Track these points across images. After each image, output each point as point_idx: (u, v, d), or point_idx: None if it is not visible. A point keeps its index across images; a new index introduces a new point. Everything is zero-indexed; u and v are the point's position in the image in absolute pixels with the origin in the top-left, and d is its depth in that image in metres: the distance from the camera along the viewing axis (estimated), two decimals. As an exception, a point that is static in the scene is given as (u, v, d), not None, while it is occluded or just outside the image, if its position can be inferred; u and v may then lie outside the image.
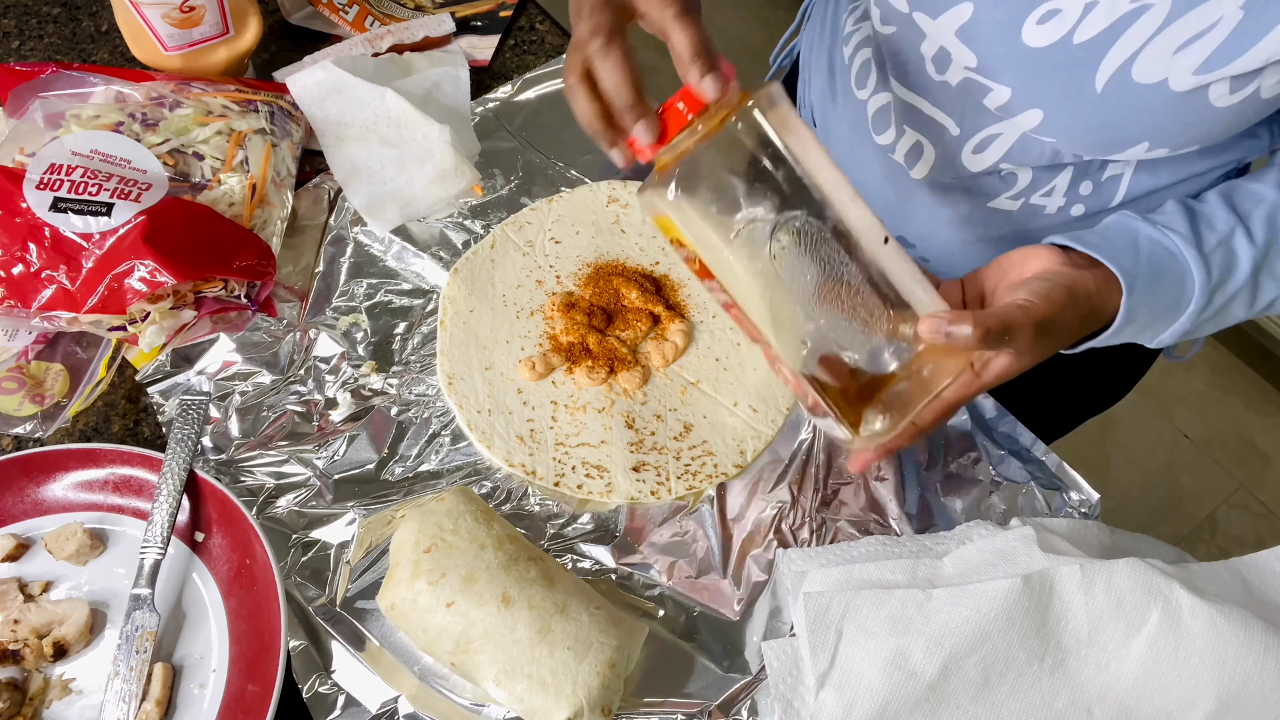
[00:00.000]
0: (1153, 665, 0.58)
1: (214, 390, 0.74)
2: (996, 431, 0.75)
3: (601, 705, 0.59)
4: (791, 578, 0.67)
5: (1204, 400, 1.96)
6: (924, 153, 0.75)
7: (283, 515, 0.69)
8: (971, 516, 0.72)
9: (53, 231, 0.69)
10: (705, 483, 0.72)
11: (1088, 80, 0.60)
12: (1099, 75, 0.59)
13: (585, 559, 0.69)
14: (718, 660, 0.65)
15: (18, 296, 0.69)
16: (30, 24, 0.98)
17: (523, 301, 0.81)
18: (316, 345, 0.77)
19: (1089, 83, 0.60)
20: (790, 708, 0.61)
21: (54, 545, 0.66)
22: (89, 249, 0.69)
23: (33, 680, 0.61)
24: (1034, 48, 0.61)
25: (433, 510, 0.64)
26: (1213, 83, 0.57)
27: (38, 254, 0.69)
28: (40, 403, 0.71)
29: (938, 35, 0.65)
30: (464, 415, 0.74)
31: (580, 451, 0.73)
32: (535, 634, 0.59)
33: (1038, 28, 0.60)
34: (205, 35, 0.85)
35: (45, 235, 0.69)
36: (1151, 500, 1.84)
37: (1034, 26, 0.60)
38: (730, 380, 0.77)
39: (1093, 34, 0.59)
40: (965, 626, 0.59)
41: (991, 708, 0.59)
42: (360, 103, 0.85)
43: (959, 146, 0.72)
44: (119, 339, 0.73)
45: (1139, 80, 0.58)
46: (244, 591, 0.64)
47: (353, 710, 0.61)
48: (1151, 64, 0.57)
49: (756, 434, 0.74)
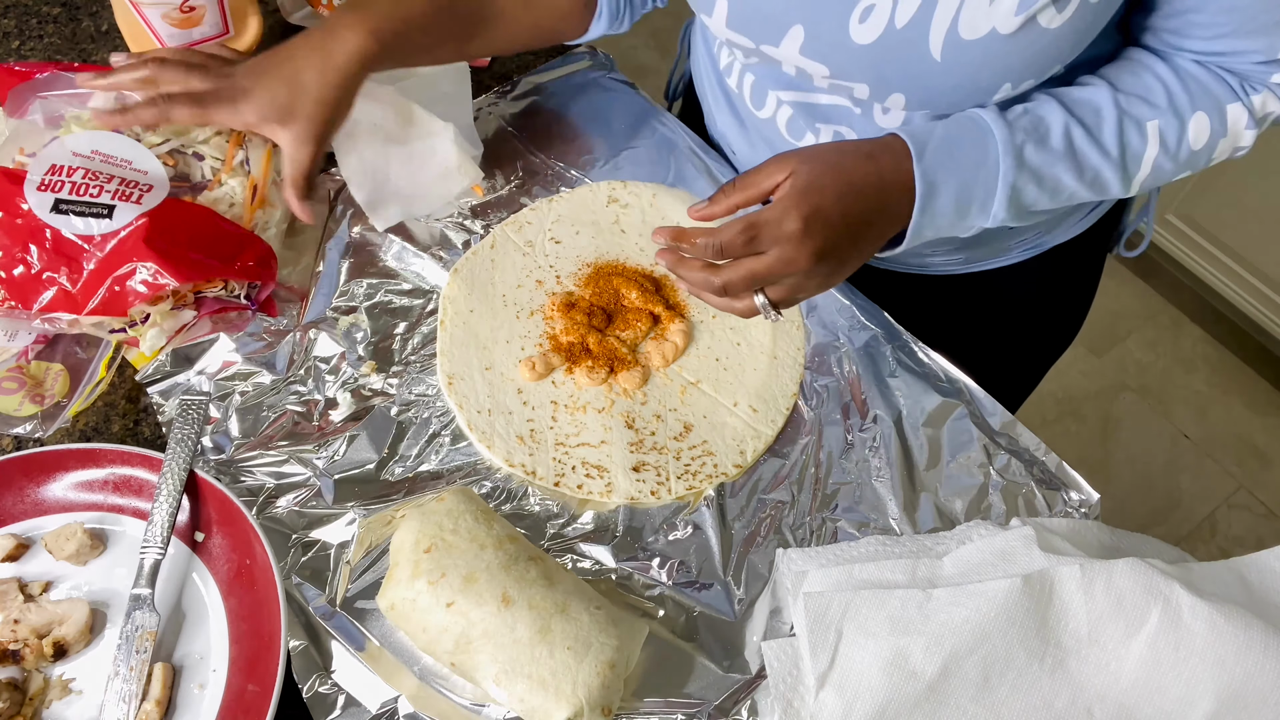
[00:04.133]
0: (1153, 665, 0.58)
1: (214, 390, 0.74)
2: (996, 431, 0.75)
3: (601, 705, 0.59)
4: (791, 578, 0.67)
5: (1204, 400, 1.96)
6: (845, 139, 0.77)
7: (283, 515, 0.69)
8: (971, 516, 0.72)
9: (54, 233, 0.69)
10: (705, 483, 0.72)
11: (925, 56, 0.63)
12: (933, 48, 0.62)
13: (585, 559, 0.69)
14: (718, 660, 0.65)
15: (18, 298, 0.69)
16: (30, 24, 0.98)
17: (523, 301, 0.81)
18: (316, 345, 0.77)
19: (927, 57, 0.63)
20: (790, 708, 0.61)
21: (54, 545, 0.66)
22: (90, 251, 0.69)
23: (33, 680, 0.61)
24: (866, 44, 0.64)
25: (433, 510, 0.64)
26: (1037, 12, 0.59)
27: (39, 255, 0.69)
28: (40, 403, 0.71)
29: (789, 59, 0.69)
30: (464, 415, 0.74)
31: (580, 451, 0.73)
32: (535, 634, 0.59)
33: (861, 27, 0.63)
34: (205, 35, 0.85)
35: (46, 237, 0.69)
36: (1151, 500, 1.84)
37: (858, 26, 0.64)
38: (730, 380, 0.77)
39: (910, 15, 0.62)
40: (965, 626, 0.59)
41: (991, 708, 0.59)
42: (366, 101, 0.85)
43: (869, 117, 0.74)
44: (119, 340, 0.73)
45: (969, 38, 0.61)
46: (244, 591, 0.64)
47: (353, 710, 0.61)
48: (974, 20, 0.60)
49: (756, 434, 0.74)
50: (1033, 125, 0.64)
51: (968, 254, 0.85)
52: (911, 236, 0.64)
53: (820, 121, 0.76)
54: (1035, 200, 0.67)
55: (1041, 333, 0.97)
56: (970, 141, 0.64)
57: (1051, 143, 0.64)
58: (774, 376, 0.77)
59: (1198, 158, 0.68)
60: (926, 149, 0.62)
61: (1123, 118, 0.65)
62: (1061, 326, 0.98)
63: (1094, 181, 0.67)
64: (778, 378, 0.77)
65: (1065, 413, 1.94)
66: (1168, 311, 2.07)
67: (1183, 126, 0.66)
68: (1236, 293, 1.90)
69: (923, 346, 0.79)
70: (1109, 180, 0.67)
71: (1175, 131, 0.66)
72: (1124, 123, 0.65)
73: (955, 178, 0.63)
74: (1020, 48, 0.62)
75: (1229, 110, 0.67)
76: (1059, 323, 0.97)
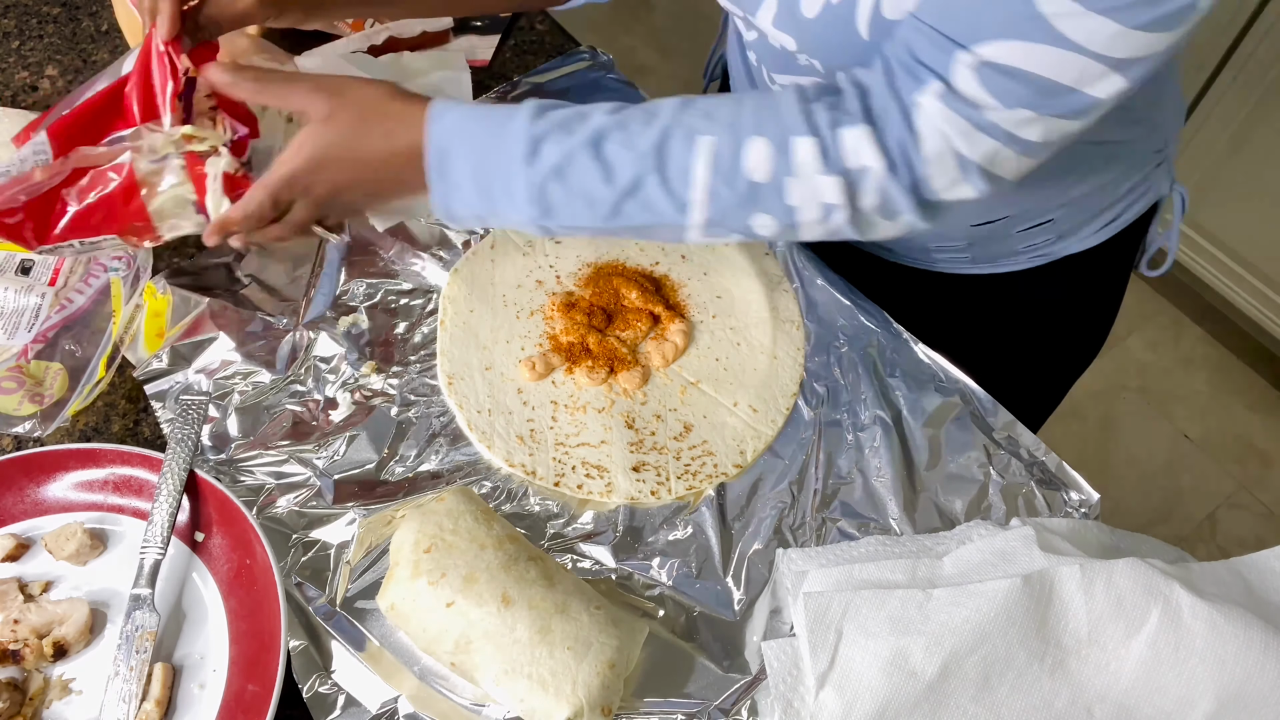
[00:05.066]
0: (1153, 665, 0.58)
1: (213, 390, 0.74)
2: (996, 431, 0.75)
3: (601, 705, 0.59)
4: (791, 578, 0.67)
5: (1204, 400, 1.96)
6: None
7: (283, 515, 0.69)
8: (971, 516, 0.72)
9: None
10: (705, 483, 0.72)
11: (854, 34, 0.62)
12: (860, 26, 0.61)
13: (585, 559, 0.69)
14: (718, 660, 0.65)
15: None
16: (30, 24, 0.98)
17: (523, 301, 0.81)
18: (316, 345, 0.77)
19: (855, 35, 0.62)
20: (790, 708, 0.61)
21: (54, 545, 0.66)
22: None
23: (33, 680, 0.61)
24: (811, 19, 0.63)
25: (433, 510, 0.64)
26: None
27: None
28: (39, 402, 0.71)
29: (767, 30, 0.68)
30: (464, 415, 0.74)
31: (580, 451, 0.73)
32: (535, 634, 0.59)
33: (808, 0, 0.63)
34: (205, 35, 0.85)
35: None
36: (1151, 500, 1.84)
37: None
38: (730, 380, 0.77)
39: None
40: (965, 626, 0.59)
41: (991, 708, 0.59)
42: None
43: None
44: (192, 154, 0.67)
45: (891, 17, 0.59)
46: (244, 591, 0.64)
47: (353, 710, 0.61)
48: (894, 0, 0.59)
49: (756, 434, 0.74)
50: (565, 119, 0.60)
51: (973, 253, 0.85)
52: (439, 204, 0.63)
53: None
54: (565, 204, 0.61)
55: (1060, 347, 0.94)
56: (497, 119, 0.61)
57: (576, 138, 0.59)
58: (774, 376, 0.77)
59: (761, 195, 0.59)
60: (447, 115, 0.61)
61: (671, 126, 0.59)
62: (1082, 342, 0.95)
63: (634, 192, 0.60)
64: (778, 378, 0.77)
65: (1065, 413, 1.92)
66: (1168, 311, 2.07)
67: (738, 147, 0.58)
68: (1236, 293, 1.90)
69: (923, 346, 0.79)
70: (656, 197, 0.60)
71: (729, 151, 0.58)
72: (670, 130, 0.59)
73: (472, 152, 0.61)
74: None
75: (794, 144, 0.57)
76: (1078, 337, 0.94)
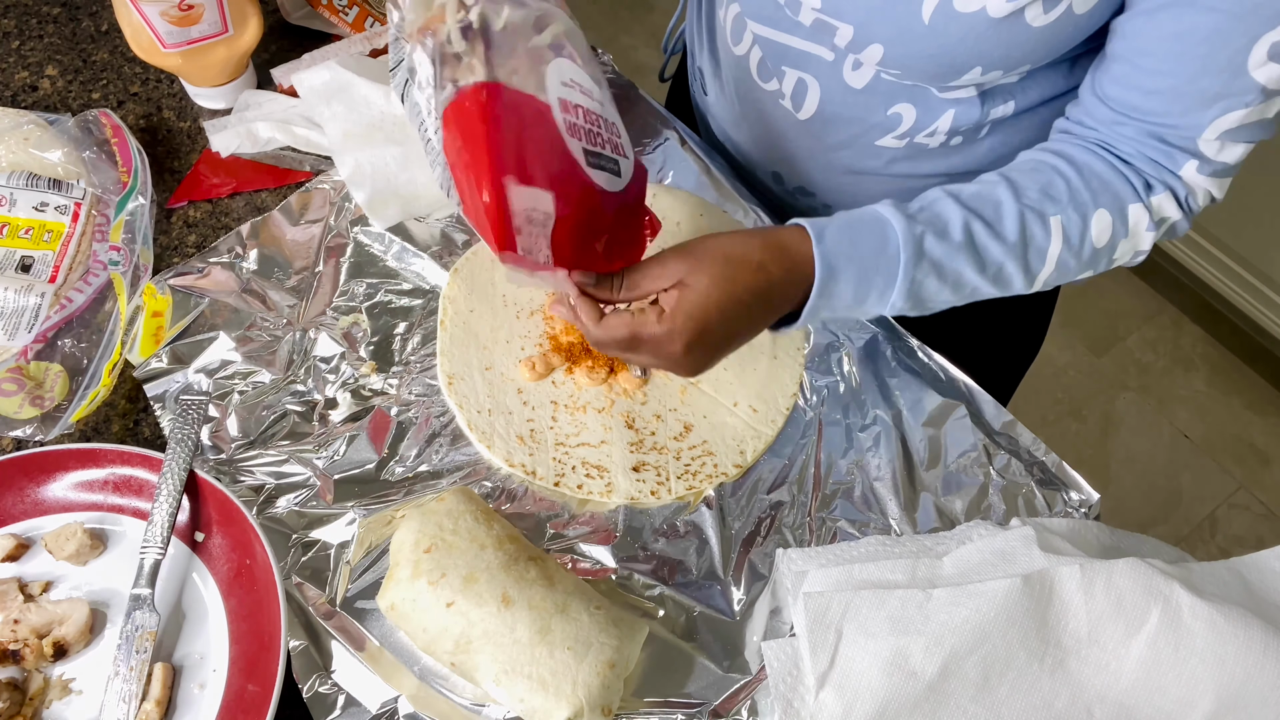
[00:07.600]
0: (1153, 665, 0.58)
1: (213, 389, 0.74)
2: (996, 431, 0.75)
3: (601, 705, 0.59)
4: (791, 578, 0.67)
5: (1204, 400, 1.96)
6: (808, 88, 0.77)
7: (283, 515, 0.69)
8: (971, 516, 0.72)
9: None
10: (705, 483, 0.72)
11: (916, 15, 0.64)
12: (924, 9, 0.63)
13: (585, 559, 0.69)
14: (718, 660, 0.65)
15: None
16: (30, 24, 0.98)
17: (523, 301, 0.80)
18: (316, 345, 0.77)
19: (917, 16, 0.64)
20: (790, 708, 0.61)
21: (54, 545, 0.66)
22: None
23: (33, 680, 0.61)
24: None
25: (433, 510, 0.64)
26: (1025, 7, 0.61)
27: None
28: (40, 405, 0.71)
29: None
30: (464, 415, 0.74)
31: (580, 451, 0.73)
32: (535, 634, 0.59)
33: None
34: (204, 34, 0.85)
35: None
36: (1151, 500, 1.84)
37: None
38: (730, 380, 0.77)
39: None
40: (965, 626, 0.59)
41: (991, 708, 0.59)
42: (366, 102, 0.85)
43: (838, 69, 0.74)
44: None
45: (961, 10, 0.62)
46: (244, 591, 0.64)
47: (353, 710, 0.61)
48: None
49: (756, 434, 0.74)
50: (931, 219, 0.64)
51: None
52: (807, 317, 0.64)
53: (788, 66, 0.77)
54: (936, 293, 0.65)
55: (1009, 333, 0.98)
56: (869, 230, 0.63)
57: (951, 235, 0.63)
58: (774, 376, 0.77)
59: (1099, 257, 0.67)
60: (826, 233, 0.62)
61: (1024, 211, 0.64)
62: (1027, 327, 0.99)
63: (997, 276, 0.66)
64: (778, 378, 0.77)
65: (1065, 413, 1.94)
66: (1168, 311, 2.07)
67: (1085, 222, 0.65)
68: (1236, 293, 1.91)
69: (923, 346, 0.79)
70: (1012, 275, 0.66)
71: (1078, 227, 0.65)
72: (1025, 216, 0.64)
73: (855, 264, 0.62)
74: (1001, 35, 0.63)
75: (1130, 210, 0.66)
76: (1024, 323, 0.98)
